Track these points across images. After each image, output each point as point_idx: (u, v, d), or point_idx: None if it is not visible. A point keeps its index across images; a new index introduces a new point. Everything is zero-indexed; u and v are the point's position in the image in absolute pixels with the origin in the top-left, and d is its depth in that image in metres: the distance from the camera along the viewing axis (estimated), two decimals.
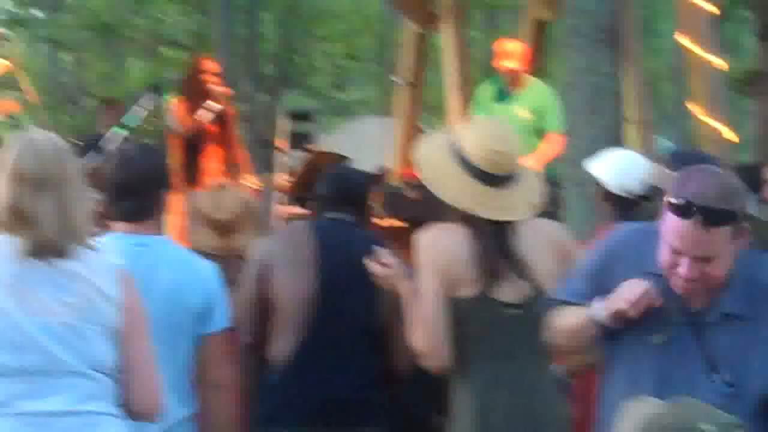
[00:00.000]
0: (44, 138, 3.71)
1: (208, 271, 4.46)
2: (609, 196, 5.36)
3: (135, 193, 4.39)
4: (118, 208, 4.43)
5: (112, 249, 3.78)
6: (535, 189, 4.37)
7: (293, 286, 4.77)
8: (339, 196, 4.99)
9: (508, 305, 4.18)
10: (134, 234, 4.34)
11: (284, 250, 4.85)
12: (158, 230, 4.48)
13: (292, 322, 4.76)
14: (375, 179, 11.07)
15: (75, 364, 3.56)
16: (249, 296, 4.89)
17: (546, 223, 4.40)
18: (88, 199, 3.76)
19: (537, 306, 4.13)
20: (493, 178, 4.20)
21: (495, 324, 4.18)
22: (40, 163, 3.61)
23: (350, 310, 4.76)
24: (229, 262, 5.28)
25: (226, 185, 5.80)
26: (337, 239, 4.86)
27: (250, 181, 9.70)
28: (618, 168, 5.39)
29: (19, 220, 3.56)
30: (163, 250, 4.41)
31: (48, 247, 3.55)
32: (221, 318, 4.42)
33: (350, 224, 4.95)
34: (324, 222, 5.00)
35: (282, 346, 4.82)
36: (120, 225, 4.41)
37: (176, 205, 8.98)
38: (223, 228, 5.49)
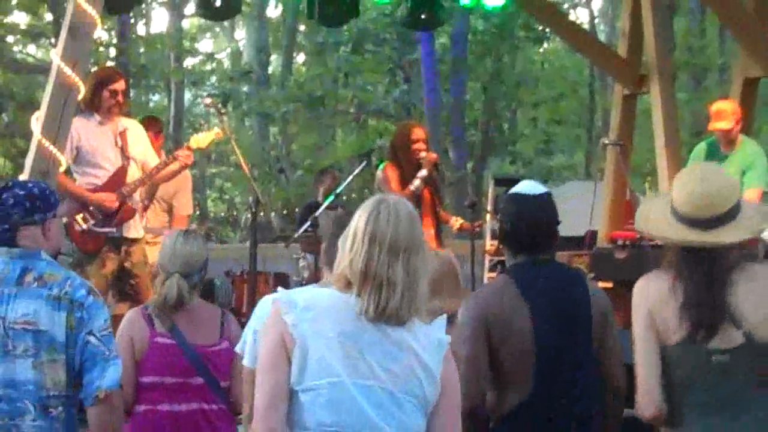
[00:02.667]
0: (399, 203, 3.73)
1: None
2: None
3: None
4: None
5: (442, 324, 3.75)
6: (752, 223, 4.19)
7: (512, 349, 4.70)
8: (528, 236, 4.79)
9: (714, 352, 4.09)
10: None
11: (501, 312, 4.70)
12: None
13: (515, 381, 4.70)
14: (583, 241, 11.08)
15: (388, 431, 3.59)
16: (473, 354, 4.69)
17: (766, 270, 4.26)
18: (428, 271, 3.76)
19: (748, 354, 4.04)
20: (701, 222, 4.12)
21: (701, 372, 4.09)
22: (396, 228, 3.64)
23: (570, 357, 4.68)
24: None
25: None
26: (545, 290, 4.70)
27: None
28: None
29: (371, 282, 3.59)
30: None
31: (391, 313, 3.59)
32: None
33: (547, 264, 4.79)
34: (524, 271, 4.79)
35: (503, 402, 4.77)
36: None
37: None
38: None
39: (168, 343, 5.27)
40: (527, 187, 4.88)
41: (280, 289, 3.80)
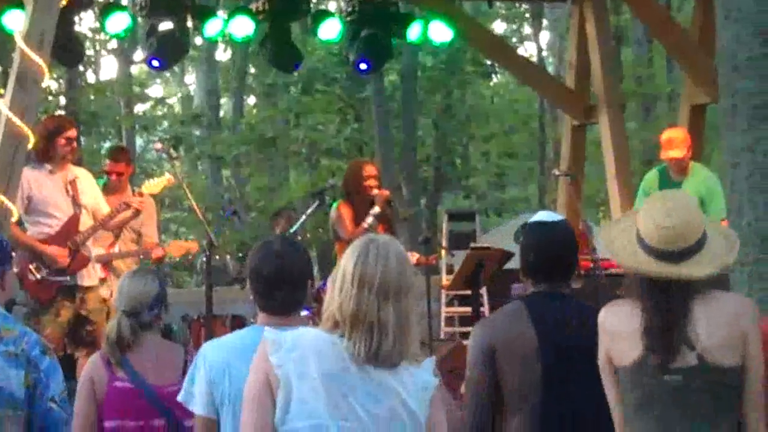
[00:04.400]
0: (389, 244, 3.70)
1: None
2: None
3: (286, 286, 4.35)
4: (267, 300, 4.39)
5: (430, 366, 3.73)
6: (720, 254, 4.20)
7: (518, 375, 4.71)
8: (548, 264, 4.80)
9: (667, 371, 4.12)
10: (280, 327, 4.15)
11: (506, 336, 4.71)
12: (301, 323, 4.45)
13: (520, 404, 4.67)
14: None
15: None
16: (477, 378, 4.73)
17: (730, 297, 4.27)
18: (418, 312, 3.74)
19: (701, 375, 4.07)
20: (669, 255, 4.15)
21: (656, 391, 4.12)
22: (385, 270, 3.61)
23: (577, 388, 4.67)
24: None
25: None
26: (555, 317, 4.69)
27: None
28: None
29: (361, 326, 3.57)
30: None
31: (384, 356, 3.57)
32: None
33: (564, 296, 4.78)
34: (539, 299, 4.81)
35: (509, 428, 4.71)
36: (265, 317, 4.38)
37: None
38: None
39: (126, 387, 5.22)
40: (544, 216, 4.92)
41: (267, 329, 3.72)
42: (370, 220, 9.26)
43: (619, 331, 4.17)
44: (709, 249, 4.18)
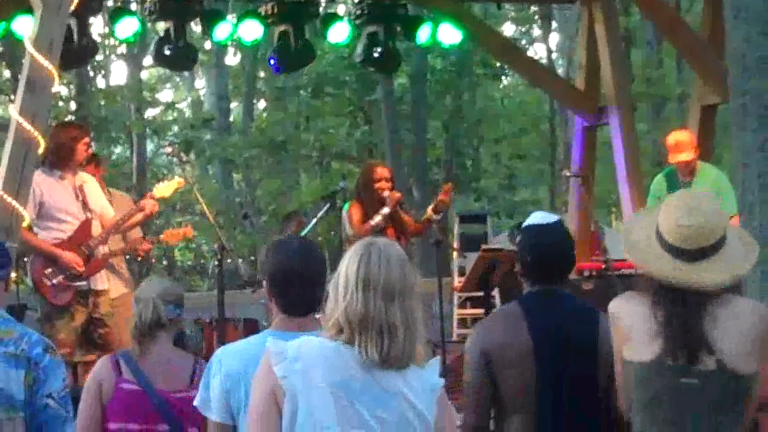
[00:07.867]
0: (389, 246, 3.67)
1: None
2: None
3: (308, 284, 4.26)
4: (288, 301, 4.28)
5: (435, 367, 3.71)
6: (739, 258, 4.19)
7: (514, 378, 4.68)
8: (544, 265, 4.77)
9: (685, 373, 4.11)
10: (297, 330, 4.15)
11: (501, 339, 4.67)
12: (317, 325, 4.39)
13: (517, 407, 4.66)
14: None
15: None
16: (474, 382, 4.71)
17: (747, 303, 4.23)
18: (422, 313, 3.69)
19: (718, 381, 4.05)
20: (685, 253, 4.14)
21: (670, 392, 4.10)
22: (389, 271, 3.58)
23: (573, 388, 4.66)
24: None
25: None
26: (551, 319, 4.67)
27: None
28: None
29: (370, 328, 3.53)
30: None
31: (395, 358, 3.53)
32: None
33: (561, 296, 4.76)
34: (534, 299, 4.79)
35: (509, 428, 4.70)
36: (284, 319, 4.29)
37: None
38: None
39: (133, 389, 5.19)
40: (539, 217, 4.90)
41: (269, 339, 3.69)
42: (378, 218, 9.27)
43: (635, 329, 4.16)
44: (725, 254, 4.16)
